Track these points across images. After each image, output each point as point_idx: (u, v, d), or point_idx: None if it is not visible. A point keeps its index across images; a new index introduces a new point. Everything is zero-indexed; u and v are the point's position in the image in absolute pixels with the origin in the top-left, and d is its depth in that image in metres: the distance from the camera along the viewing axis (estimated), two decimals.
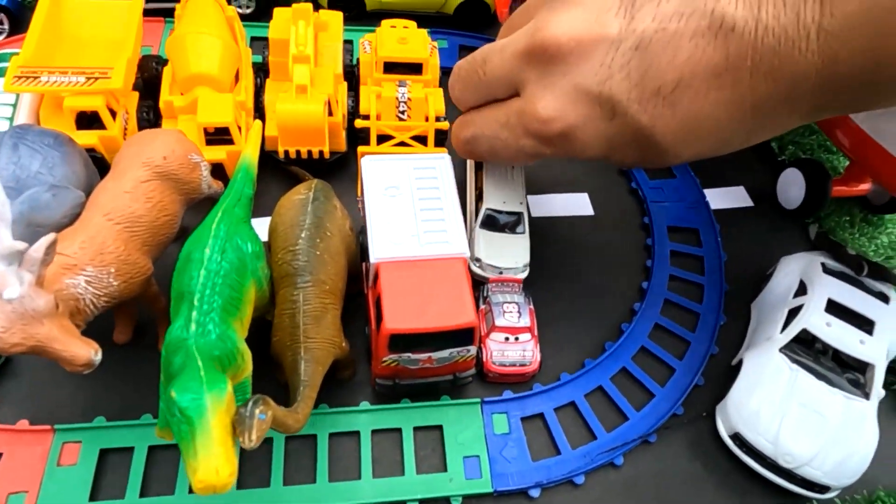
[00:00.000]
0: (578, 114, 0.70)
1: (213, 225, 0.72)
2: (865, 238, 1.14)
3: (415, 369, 0.82)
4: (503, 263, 0.93)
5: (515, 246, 0.95)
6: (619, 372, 0.94)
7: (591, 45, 0.67)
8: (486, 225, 0.95)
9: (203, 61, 0.97)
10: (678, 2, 0.62)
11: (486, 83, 0.78)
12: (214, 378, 0.57)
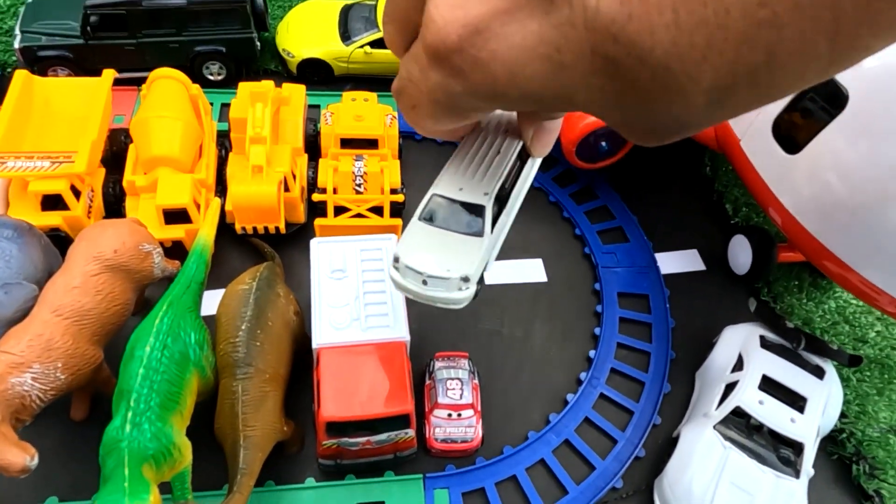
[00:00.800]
0: (485, 6, 0.34)
1: (156, 319, 0.76)
2: (813, 303, 1.17)
3: (355, 450, 0.85)
4: (430, 269, 0.57)
5: (460, 250, 0.58)
6: (561, 444, 0.97)
7: None
8: (428, 216, 0.59)
9: (164, 144, 1.02)
10: None
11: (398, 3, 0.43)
12: (137, 488, 0.60)
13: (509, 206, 0.56)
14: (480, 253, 0.56)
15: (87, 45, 1.25)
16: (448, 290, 0.55)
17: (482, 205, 0.55)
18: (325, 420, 0.78)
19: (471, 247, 0.56)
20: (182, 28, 1.26)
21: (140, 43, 1.26)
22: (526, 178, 0.55)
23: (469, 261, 0.56)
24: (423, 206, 0.57)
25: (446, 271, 0.55)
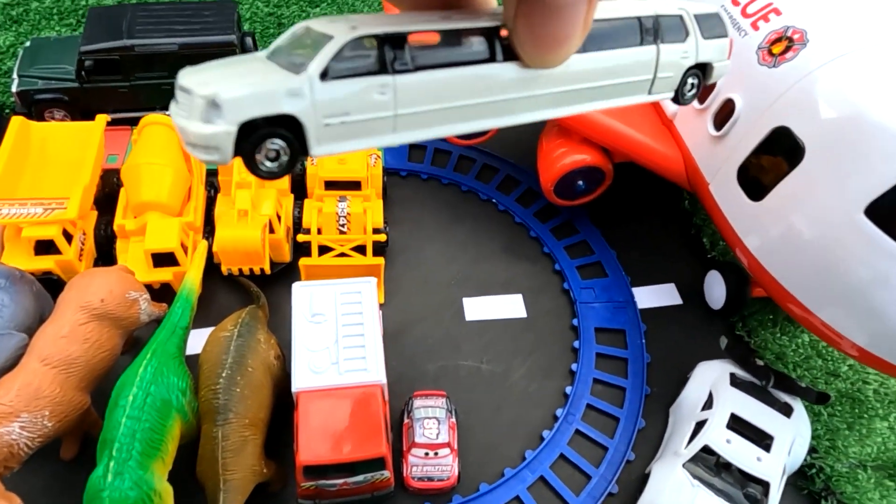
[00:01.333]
0: None
1: (140, 367, 0.80)
2: (787, 337, 1.19)
3: (334, 491, 0.88)
4: (184, 80, 0.34)
5: (248, 74, 0.34)
6: (536, 481, 1.00)
7: None
8: (273, 51, 0.36)
9: (153, 190, 1.06)
10: None
11: None
12: None
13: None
14: (268, 85, 0.31)
15: (82, 88, 1.29)
16: (189, 117, 0.31)
17: (330, 35, 0.33)
18: (302, 464, 0.82)
19: (268, 77, 0.32)
20: (174, 71, 1.28)
21: (133, 85, 1.31)
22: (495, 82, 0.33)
23: (239, 83, 0.31)
24: (280, 40, 0.36)
25: (198, 84, 0.31)
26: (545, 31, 0.28)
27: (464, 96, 0.33)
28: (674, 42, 0.41)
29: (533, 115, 0.35)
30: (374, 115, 0.31)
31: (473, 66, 0.32)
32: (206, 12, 1.32)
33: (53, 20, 1.61)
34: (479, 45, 0.32)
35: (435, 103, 0.33)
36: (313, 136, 0.30)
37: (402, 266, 1.23)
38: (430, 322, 1.17)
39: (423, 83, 0.32)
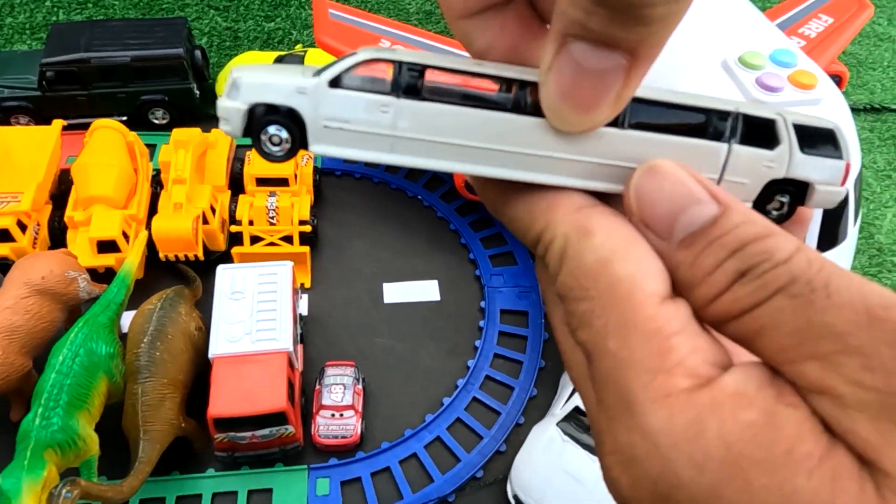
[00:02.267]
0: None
1: (71, 334, 0.93)
2: None
3: (245, 444, 1.01)
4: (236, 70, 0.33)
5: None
6: (433, 441, 1.13)
7: None
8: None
9: (99, 185, 1.19)
10: None
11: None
12: (35, 465, 0.76)
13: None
14: (281, 80, 0.32)
15: (44, 97, 1.43)
16: (223, 98, 0.33)
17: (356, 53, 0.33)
18: (212, 416, 0.95)
19: (289, 75, 0.33)
20: (128, 81, 1.45)
21: (91, 94, 1.45)
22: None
23: (262, 75, 0.32)
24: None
25: (236, 71, 0.33)
26: (573, 91, 0.27)
27: (471, 137, 0.31)
28: (756, 146, 0.34)
29: (550, 178, 0.31)
30: (372, 130, 0.31)
31: (489, 111, 0.30)
32: (157, 28, 1.46)
33: (26, 34, 1.76)
34: (504, 93, 0.31)
35: (437, 136, 0.31)
36: (312, 133, 0.31)
37: (330, 257, 1.37)
38: (351, 306, 1.30)
39: (428, 113, 0.31)
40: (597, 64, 0.26)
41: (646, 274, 0.27)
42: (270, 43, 1.79)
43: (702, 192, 0.27)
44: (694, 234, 0.27)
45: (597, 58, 0.26)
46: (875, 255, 1.48)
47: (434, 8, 1.96)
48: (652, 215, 0.28)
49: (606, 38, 0.25)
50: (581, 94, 0.27)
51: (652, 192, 0.28)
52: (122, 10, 1.83)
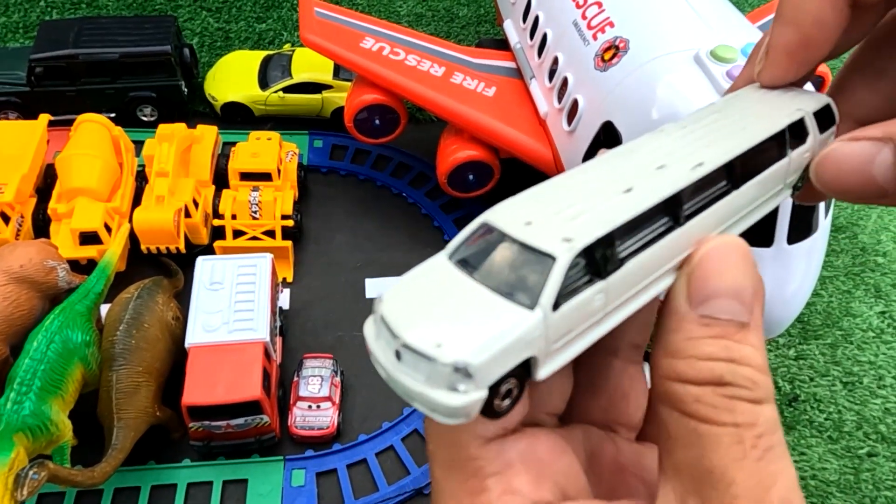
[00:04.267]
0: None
1: (48, 321, 0.94)
2: None
3: (220, 433, 1.01)
4: (409, 333, 0.26)
5: (481, 320, 0.27)
6: (411, 433, 1.13)
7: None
8: (463, 257, 0.29)
9: (83, 177, 1.20)
10: None
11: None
12: (3, 447, 0.77)
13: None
14: (513, 334, 0.26)
15: (33, 92, 1.44)
16: (427, 382, 0.26)
17: (550, 255, 0.28)
18: (185, 404, 0.95)
19: (503, 320, 0.27)
20: (116, 77, 1.46)
21: (80, 90, 1.46)
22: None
23: (482, 338, 0.26)
24: (461, 239, 0.30)
25: (434, 346, 0.26)
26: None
27: (653, 271, 0.30)
28: (798, 146, 0.36)
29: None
30: (590, 322, 0.28)
31: (659, 241, 0.30)
32: (146, 25, 1.48)
33: (19, 33, 1.78)
34: (663, 213, 0.30)
35: (634, 287, 0.30)
36: (542, 364, 0.27)
37: (313, 252, 1.38)
38: (332, 300, 1.30)
39: (628, 273, 0.29)
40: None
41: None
42: (261, 43, 1.81)
43: (749, 295, 0.28)
44: (717, 321, 0.28)
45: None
46: (858, 255, 1.48)
47: (425, 11, 1.98)
48: (702, 283, 0.28)
49: None
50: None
51: (714, 267, 0.29)
52: (115, 11, 1.85)
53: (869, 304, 1.39)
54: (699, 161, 0.32)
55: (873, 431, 1.20)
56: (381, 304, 0.27)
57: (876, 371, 1.28)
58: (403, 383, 0.26)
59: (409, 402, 0.26)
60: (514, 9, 1.44)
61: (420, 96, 1.29)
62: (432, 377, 0.25)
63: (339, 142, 1.57)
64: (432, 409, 0.26)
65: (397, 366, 0.26)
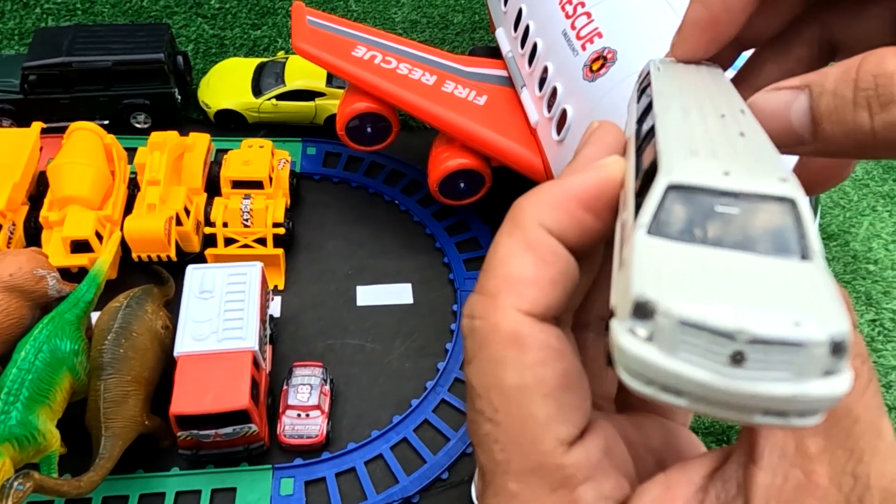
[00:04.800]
0: None
1: (36, 330, 0.94)
2: None
3: (209, 442, 1.01)
4: (753, 324, 0.19)
5: (783, 284, 0.21)
6: (400, 442, 1.13)
7: None
8: (669, 228, 0.23)
9: (74, 186, 1.21)
10: None
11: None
12: None
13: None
14: (831, 293, 0.22)
15: (26, 100, 1.45)
16: (801, 376, 0.20)
17: (789, 198, 0.24)
18: (174, 414, 0.95)
19: (804, 280, 0.22)
20: (110, 84, 1.46)
21: (73, 97, 1.46)
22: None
23: (823, 304, 0.21)
24: (653, 210, 0.24)
25: (793, 325, 0.20)
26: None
27: None
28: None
29: None
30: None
31: None
32: (139, 33, 1.48)
33: (14, 40, 1.78)
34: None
35: None
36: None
37: (305, 259, 1.38)
38: (323, 307, 1.31)
39: None
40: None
41: (563, 416, 0.26)
42: (256, 50, 1.81)
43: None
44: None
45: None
46: (850, 263, 1.48)
47: (420, 17, 1.98)
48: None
49: None
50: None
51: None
52: (111, 18, 1.86)
53: (860, 312, 1.39)
54: (726, 111, 0.30)
55: None
56: (665, 304, 0.20)
57: None
58: (756, 392, 0.20)
59: (748, 420, 0.21)
60: (505, 17, 1.45)
61: (411, 105, 1.30)
62: (804, 367, 0.20)
63: (332, 149, 1.57)
64: (810, 408, 0.21)
65: (736, 374, 0.20)
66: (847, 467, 0.24)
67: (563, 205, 0.29)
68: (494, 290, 0.28)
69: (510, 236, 0.29)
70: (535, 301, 0.27)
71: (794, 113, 0.30)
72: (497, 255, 0.29)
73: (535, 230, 0.29)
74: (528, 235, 0.28)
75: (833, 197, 1.62)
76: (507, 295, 0.28)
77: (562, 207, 0.29)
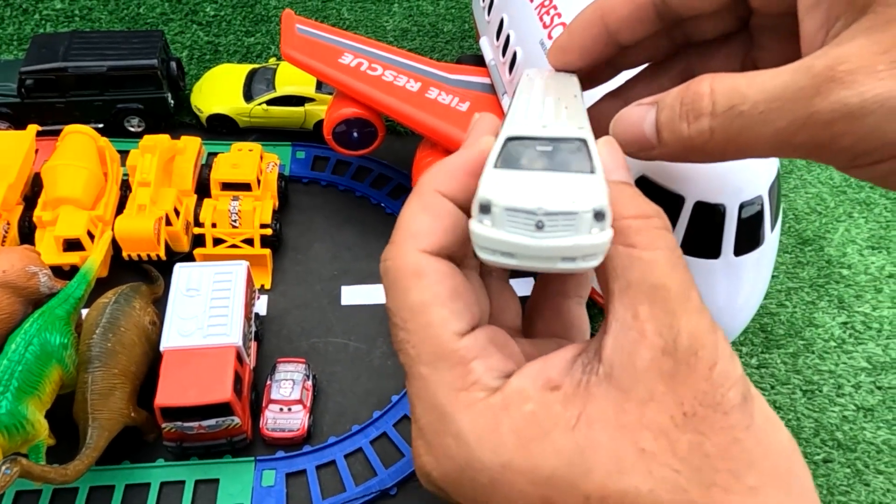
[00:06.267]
0: None
1: (27, 323, 0.98)
2: None
3: (192, 434, 1.05)
4: (547, 203, 0.36)
5: (571, 186, 0.38)
6: (380, 436, 1.16)
7: None
8: (507, 162, 0.40)
9: (67, 187, 1.25)
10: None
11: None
12: None
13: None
14: (601, 188, 0.36)
15: (23, 103, 1.49)
16: (577, 232, 0.34)
17: (581, 138, 0.38)
18: (158, 406, 0.99)
19: (585, 183, 0.36)
20: (104, 89, 1.51)
21: (69, 101, 1.51)
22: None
23: (593, 193, 0.35)
24: (497, 154, 0.39)
25: (571, 203, 0.34)
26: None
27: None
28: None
29: None
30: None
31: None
32: (134, 39, 1.53)
33: (13, 45, 1.83)
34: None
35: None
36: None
37: (291, 260, 1.42)
38: (309, 306, 1.34)
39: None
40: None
41: (454, 316, 0.36)
42: (249, 56, 1.86)
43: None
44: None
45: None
46: (824, 267, 1.52)
47: (410, 26, 2.03)
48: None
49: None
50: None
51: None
52: (108, 24, 1.90)
53: (832, 315, 1.43)
54: (562, 97, 0.47)
55: (830, 438, 1.23)
56: (497, 200, 0.35)
57: (836, 380, 1.32)
58: (552, 245, 0.34)
59: (553, 267, 0.35)
60: (489, 27, 1.49)
61: (396, 111, 1.34)
62: (578, 227, 0.34)
63: (321, 153, 1.61)
64: (583, 254, 0.34)
65: (540, 235, 0.34)
66: (665, 322, 0.33)
67: (452, 173, 0.40)
68: (400, 240, 0.40)
69: (413, 200, 0.42)
70: (429, 244, 0.39)
71: (646, 123, 0.40)
72: (403, 215, 0.41)
73: (431, 195, 0.40)
74: (425, 199, 0.40)
75: (810, 203, 1.66)
76: (409, 241, 0.39)
77: (452, 175, 0.40)
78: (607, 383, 0.33)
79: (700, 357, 0.32)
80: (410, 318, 0.37)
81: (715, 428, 0.30)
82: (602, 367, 0.33)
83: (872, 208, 1.66)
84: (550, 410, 0.33)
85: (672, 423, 0.30)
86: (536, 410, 0.33)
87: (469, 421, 0.34)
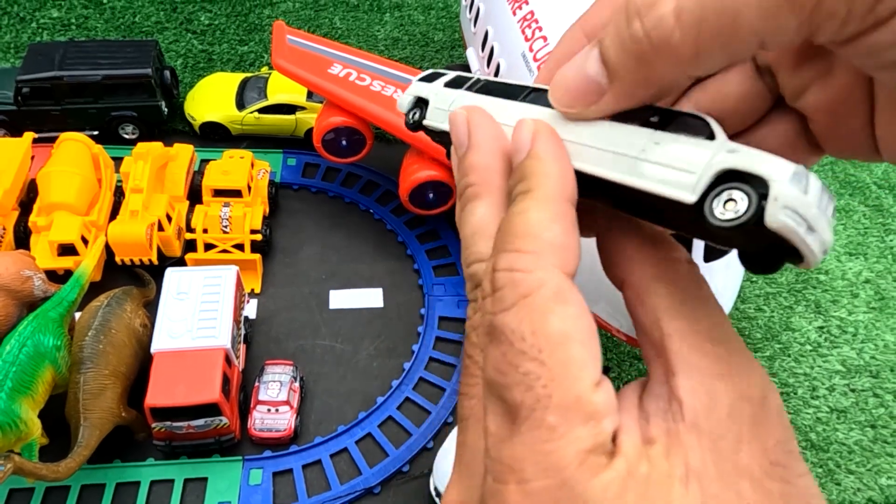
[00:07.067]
0: None
1: (21, 326, 1.01)
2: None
3: (182, 434, 1.08)
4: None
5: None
6: (365, 437, 1.20)
7: None
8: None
9: (62, 192, 1.28)
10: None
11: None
12: None
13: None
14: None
15: (20, 111, 1.53)
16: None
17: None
18: (148, 406, 1.02)
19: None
20: (99, 97, 1.54)
21: (64, 109, 1.54)
22: None
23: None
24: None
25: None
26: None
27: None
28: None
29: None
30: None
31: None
32: (128, 49, 1.56)
33: (10, 53, 1.86)
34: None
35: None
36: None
37: (280, 264, 1.45)
38: (297, 310, 1.38)
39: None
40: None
41: (592, 362, 0.30)
42: (242, 65, 1.89)
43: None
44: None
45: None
46: (801, 273, 1.56)
47: (401, 35, 2.07)
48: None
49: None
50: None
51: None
52: (104, 33, 1.94)
53: (808, 319, 1.47)
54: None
55: (803, 439, 1.27)
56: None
57: (811, 382, 1.36)
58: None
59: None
60: (475, 38, 1.53)
61: (383, 120, 1.37)
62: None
63: (311, 160, 1.65)
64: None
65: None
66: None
67: (569, 184, 0.33)
68: (538, 250, 0.32)
69: (539, 205, 0.33)
70: (571, 265, 0.32)
71: (590, 65, 0.33)
72: (529, 221, 0.32)
73: (562, 203, 0.32)
74: (558, 207, 0.32)
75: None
76: (550, 255, 0.31)
77: (572, 187, 0.33)
78: (697, 432, 0.30)
79: (769, 401, 0.30)
80: (547, 349, 0.30)
81: (795, 475, 0.29)
82: (685, 412, 0.30)
83: (851, 215, 1.70)
84: (659, 468, 0.30)
85: (762, 471, 0.29)
86: (650, 472, 0.30)
87: (599, 491, 0.29)
